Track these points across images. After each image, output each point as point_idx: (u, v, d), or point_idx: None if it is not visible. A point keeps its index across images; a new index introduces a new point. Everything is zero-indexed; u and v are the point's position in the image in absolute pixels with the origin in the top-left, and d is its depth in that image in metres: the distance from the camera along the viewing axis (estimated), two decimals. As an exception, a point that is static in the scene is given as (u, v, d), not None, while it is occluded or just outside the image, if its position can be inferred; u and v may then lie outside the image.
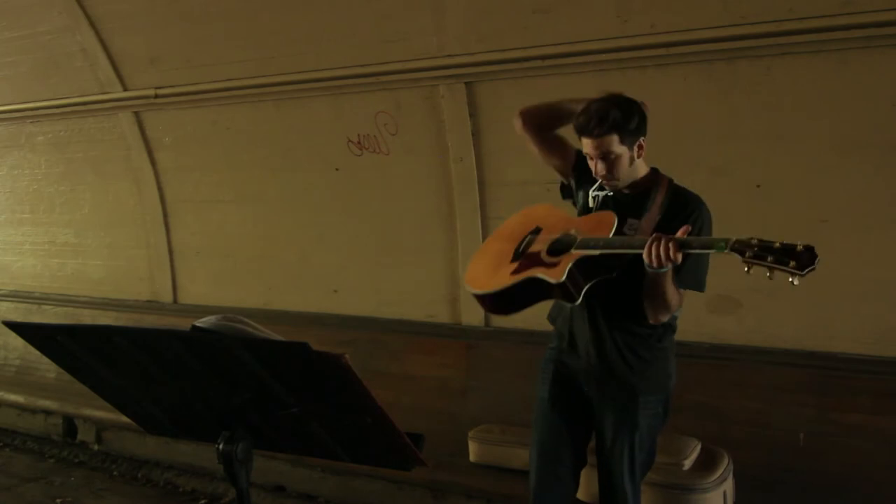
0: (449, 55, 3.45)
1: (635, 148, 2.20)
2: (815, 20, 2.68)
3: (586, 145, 2.19)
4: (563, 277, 2.07)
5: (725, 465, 2.70)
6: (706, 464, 2.70)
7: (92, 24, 4.35)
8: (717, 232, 3.16)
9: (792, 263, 1.77)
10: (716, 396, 3.15)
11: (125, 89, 4.53)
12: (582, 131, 2.18)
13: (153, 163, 4.73)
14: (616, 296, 2.18)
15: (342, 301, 4.19)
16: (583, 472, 2.65)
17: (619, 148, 2.15)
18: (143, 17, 4.20)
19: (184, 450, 4.29)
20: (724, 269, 3.11)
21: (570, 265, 2.08)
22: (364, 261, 4.10)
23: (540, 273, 2.15)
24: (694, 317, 3.20)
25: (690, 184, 3.00)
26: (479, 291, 2.28)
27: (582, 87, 3.23)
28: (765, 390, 3.07)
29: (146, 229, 4.93)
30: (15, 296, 5.77)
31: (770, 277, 1.79)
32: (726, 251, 1.88)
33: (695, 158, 3.06)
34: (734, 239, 1.90)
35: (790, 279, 1.75)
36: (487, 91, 3.49)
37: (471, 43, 3.37)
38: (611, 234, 2.14)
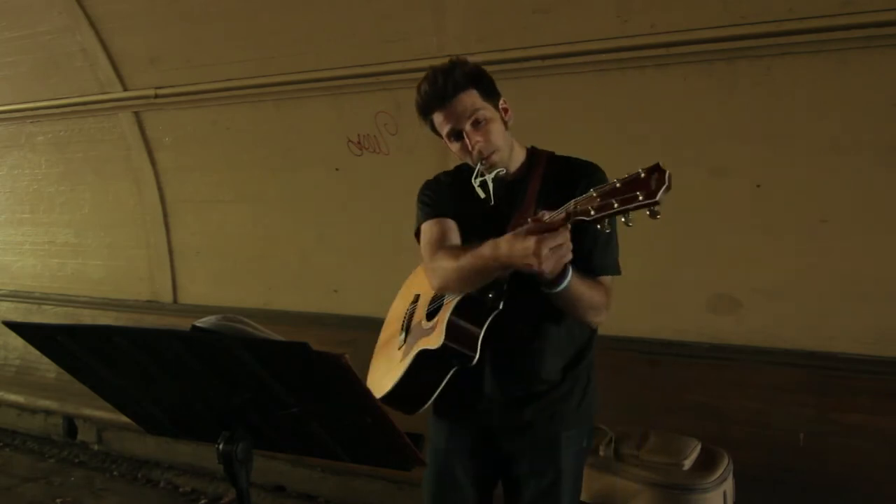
0: (449, 55, 3.43)
1: (501, 110, 1.84)
2: (815, 20, 2.68)
3: (444, 122, 1.79)
4: (442, 339, 1.73)
5: (725, 465, 2.70)
6: (706, 464, 2.69)
7: (92, 24, 4.35)
8: (717, 231, 3.20)
9: (640, 195, 1.40)
10: (716, 396, 3.15)
11: (125, 89, 4.53)
12: (431, 103, 1.80)
13: (153, 163, 4.73)
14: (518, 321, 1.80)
15: (342, 301, 4.19)
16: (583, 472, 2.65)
17: (483, 105, 1.78)
18: (143, 17, 4.20)
19: (184, 450, 4.29)
20: (723, 269, 3.13)
21: (445, 320, 1.74)
22: (364, 261, 4.10)
23: (422, 345, 1.79)
24: (694, 317, 3.21)
25: (690, 184, 3.01)
26: (380, 395, 1.85)
27: (582, 87, 3.25)
28: (765, 390, 3.07)
29: (146, 229, 4.93)
30: (15, 296, 5.77)
31: (628, 223, 1.43)
32: (569, 219, 1.51)
33: (695, 158, 3.07)
34: (572, 201, 1.51)
35: (648, 214, 1.39)
36: (487, 91, 3.49)
37: (471, 43, 3.37)
38: None
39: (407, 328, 1.98)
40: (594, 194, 1.47)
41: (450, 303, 1.78)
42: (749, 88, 2.92)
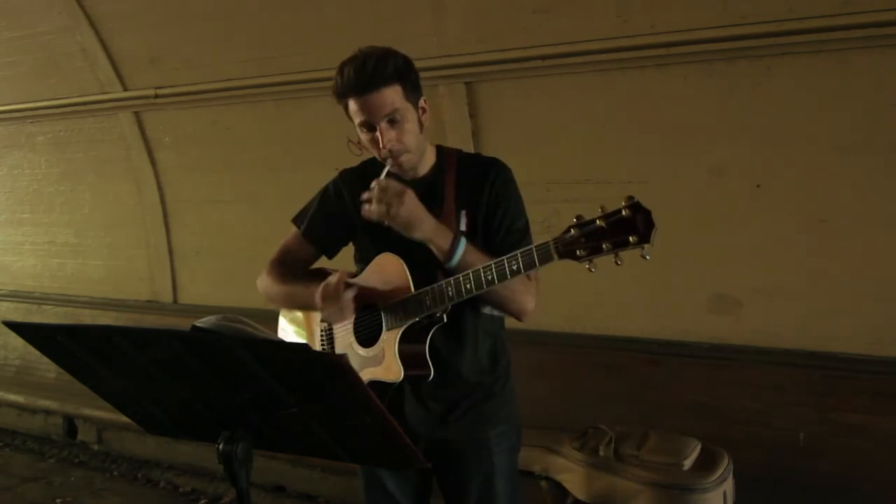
0: (449, 55, 3.44)
1: (420, 109, 1.78)
2: (815, 20, 2.68)
3: (359, 112, 1.72)
4: (402, 372, 1.72)
5: (725, 465, 2.70)
6: (706, 464, 2.70)
7: (92, 24, 4.35)
8: (717, 232, 3.20)
9: (633, 238, 1.42)
10: (716, 396, 3.15)
11: (125, 89, 4.53)
12: (351, 88, 1.70)
13: (153, 163, 4.73)
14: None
15: (342, 301, 4.19)
16: (583, 472, 2.66)
17: (404, 104, 1.71)
18: (143, 17, 4.20)
19: (184, 450, 4.29)
20: (723, 269, 3.13)
21: (395, 352, 1.73)
22: (364, 261, 4.09)
23: (372, 376, 1.77)
24: (694, 317, 3.21)
25: (690, 184, 3.01)
26: None
27: (582, 87, 3.25)
28: (765, 390, 3.07)
29: (146, 229, 4.93)
30: (15, 296, 5.77)
31: (618, 262, 1.46)
32: (555, 259, 1.51)
33: (695, 158, 3.06)
34: (551, 241, 1.51)
35: (641, 255, 1.43)
36: (487, 91, 3.49)
37: (471, 43, 3.37)
38: (410, 284, 1.73)
39: (331, 350, 1.92)
40: (575, 233, 1.46)
41: (394, 332, 1.75)
42: (749, 88, 2.92)
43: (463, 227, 1.79)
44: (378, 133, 1.74)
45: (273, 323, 2.09)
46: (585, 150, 3.29)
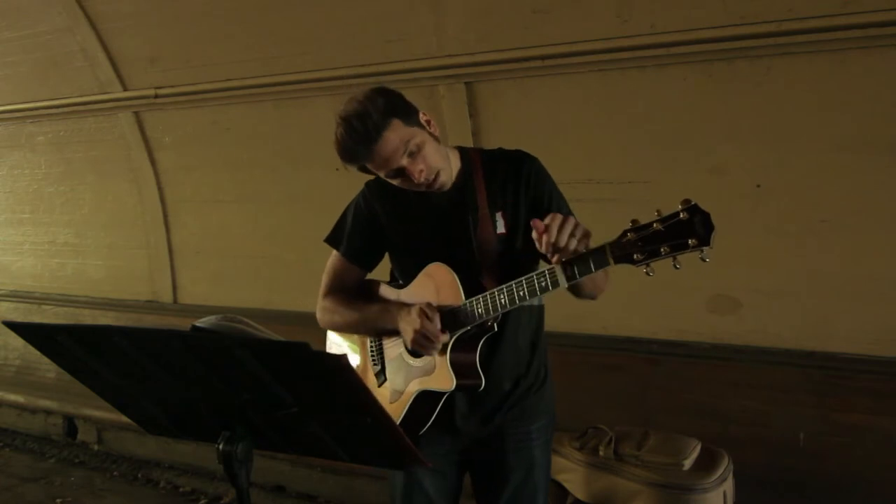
0: (449, 55, 3.44)
1: (424, 124, 1.78)
2: (815, 20, 2.68)
3: (380, 167, 1.75)
4: (454, 381, 1.73)
5: (725, 465, 2.70)
6: (706, 464, 2.70)
7: (92, 24, 4.35)
8: (717, 232, 3.19)
9: (692, 241, 1.42)
10: (716, 396, 3.15)
11: (125, 89, 4.53)
12: (358, 154, 1.72)
13: (153, 163, 4.73)
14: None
15: (342, 301, 4.19)
16: (583, 472, 2.65)
17: (410, 132, 1.71)
18: (143, 17, 4.20)
19: (184, 450, 4.30)
20: (723, 269, 3.13)
21: (448, 362, 1.74)
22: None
23: (425, 385, 1.80)
24: (694, 317, 3.20)
25: (690, 184, 3.01)
26: None
27: (582, 87, 3.25)
28: (765, 390, 3.07)
29: (146, 229, 4.93)
30: (15, 296, 5.77)
31: (676, 266, 1.48)
32: (611, 265, 1.53)
33: (695, 158, 3.06)
34: (607, 245, 1.52)
35: (700, 257, 1.44)
36: (487, 91, 3.49)
37: (471, 43, 3.37)
38: (461, 294, 1.74)
39: (381, 363, 1.95)
40: (631, 237, 1.46)
41: (446, 342, 1.75)
42: (749, 88, 2.92)
43: (502, 230, 1.81)
44: (407, 172, 1.74)
45: (273, 323, 2.09)
46: (585, 150, 3.28)
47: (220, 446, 1.39)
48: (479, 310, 1.71)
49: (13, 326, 1.39)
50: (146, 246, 4.97)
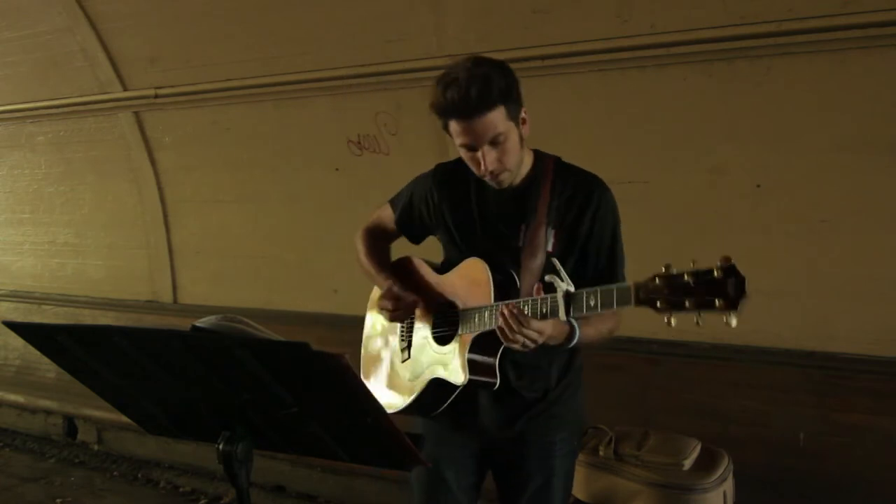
0: (449, 55, 3.44)
1: (520, 123, 1.75)
2: (815, 20, 2.68)
3: (461, 134, 1.69)
4: (466, 376, 1.73)
5: (725, 465, 2.70)
6: (706, 464, 2.70)
7: (92, 24, 4.35)
8: (717, 231, 3.19)
9: (720, 303, 1.36)
10: (716, 396, 3.15)
11: (125, 89, 4.53)
12: (453, 112, 1.67)
13: (153, 163, 4.73)
14: None
15: (342, 301, 4.19)
16: (583, 472, 2.65)
17: (507, 125, 1.68)
18: (143, 17, 4.20)
19: (184, 450, 4.30)
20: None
21: (465, 357, 1.74)
22: (364, 261, 4.09)
23: (439, 374, 1.81)
24: (694, 316, 3.20)
25: (690, 184, 3.00)
26: (392, 411, 1.89)
27: (582, 87, 3.25)
28: (765, 390, 3.07)
29: (146, 229, 4.93)
30: (15, 296, 5.77)
31: (699, 323, 1.39)
32: (632, 305, 1.45)
33: (695, 158, 3.06)
34: (632, 285, 1.44)
35: (725, 320, 1.36)
36: (487, 91, 3.49)
37: (471, 43, 3.37)
38: (492, 294, 1.72)
39: (409, 340, 1.97)
40: (660, 283, 1.39)
41: (466, 338, 1.76)
42: (749, 88, 2.92)
43: (549, 248, 1.78)
44: (480, 154, 1.71)
45: (273, 323, 2.09)
46: (585, 150, 3.26)
47: (220, 446, 1.39)
48: (494, 317, 1.70)
49: (13, 326, 1.39)
50: (146, 246, 4.97)
